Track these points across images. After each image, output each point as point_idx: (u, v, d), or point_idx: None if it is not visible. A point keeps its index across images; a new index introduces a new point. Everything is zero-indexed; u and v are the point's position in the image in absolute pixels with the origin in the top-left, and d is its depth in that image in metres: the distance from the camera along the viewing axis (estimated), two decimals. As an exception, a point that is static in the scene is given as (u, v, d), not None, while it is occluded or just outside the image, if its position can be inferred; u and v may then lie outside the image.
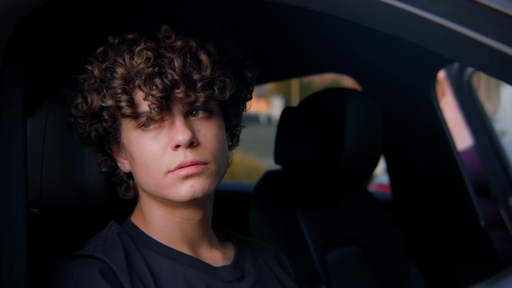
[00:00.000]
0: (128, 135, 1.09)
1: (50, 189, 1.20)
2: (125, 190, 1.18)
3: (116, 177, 1.18)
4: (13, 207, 1.03)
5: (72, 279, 1.04)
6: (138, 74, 1.03)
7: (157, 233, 1.13)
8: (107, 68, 1.06)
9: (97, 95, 1.07)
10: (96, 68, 1.07)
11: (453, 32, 0.77)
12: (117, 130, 1.11)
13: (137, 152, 1.08)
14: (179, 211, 1.12)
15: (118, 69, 1.05)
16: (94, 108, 1.08)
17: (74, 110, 1.12)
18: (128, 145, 1.10)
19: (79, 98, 1.10)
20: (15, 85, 1.05)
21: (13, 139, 1.04)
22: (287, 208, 1.91)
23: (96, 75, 1.07)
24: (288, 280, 1.26)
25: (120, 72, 1.04)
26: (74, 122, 1.14)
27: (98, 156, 1.17)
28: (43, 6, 1.03)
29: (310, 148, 1.93)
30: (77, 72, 1.11)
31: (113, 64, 1.06)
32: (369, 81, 2.37)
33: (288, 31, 1.84)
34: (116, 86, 1.05)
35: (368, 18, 0.85)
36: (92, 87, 1.08)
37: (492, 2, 0.76)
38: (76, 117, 1.13)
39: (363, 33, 1.93)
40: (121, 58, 1.05)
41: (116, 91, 1.05)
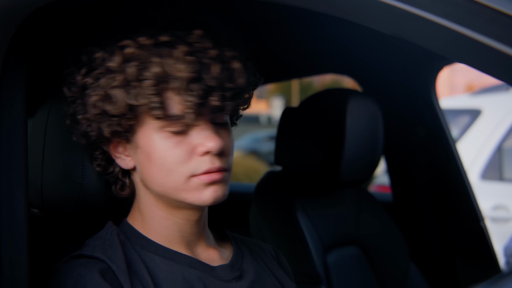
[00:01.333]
0: (148, 136, 1.07)
1: (50, 190, 1.20)
2: (121, 188, 1.16)
3: (110, 175, 1.16)
4: (14, 208, 1.03)
5: (71, 279, 1.04)
6: (176, 78, 1.03)
7: (155, 233, 1.13)
8: (135, 67, 1.04)
9: (124, 93, 1.04)
10: (121, 65, 1.05)
11: (454, 32, 0.77)
12: (132, 128, 1.08)
13: (159, 154, 1.06)
14: (181, 212, 1.12)
15: (153, 69, 1.03)
16: (121, 106, 1.05)
17: (92, 108, 1.07)
18: (146, 145, 1.08)
19: (95, 96, 1.06)
20: (16, 86, 1.05)
21: (13, 139, 1.04)
22: (287, 209, 1.92)
23: (123, 73, 1.04)
24: (287, 279, 1.26)
25: (154, 72, 1.03)
26: (79, 120, 1.11)
27: (95, 153, 1.15)
28: (44, 7, 1.03)
29: (310, 149, 1.93)
30: (90, 69, 1.08)
31: (144, 64, 1.03)
32: (369, 81, 2.37)
33: (288, 32, 1.84)
34: (149, 86, 1.03)
35: (368, 19, 0.85)
36: (116, 85, 1.05)
37: (493, 3, 0.76)
38: (86, 115, 1.09)
39: (363, 34, 1.93)
40: (158, 58, 1.03)
41: (149, 91, 1.03)
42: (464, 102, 5.01)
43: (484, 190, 3.79)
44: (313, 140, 1.93)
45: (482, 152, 4.30)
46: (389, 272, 2.04)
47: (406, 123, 2.31)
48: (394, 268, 2.06)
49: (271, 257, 1.30)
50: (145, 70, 1.03)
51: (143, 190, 1.13)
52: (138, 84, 1.03)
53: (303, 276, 1.79)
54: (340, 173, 1.85)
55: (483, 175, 4.23)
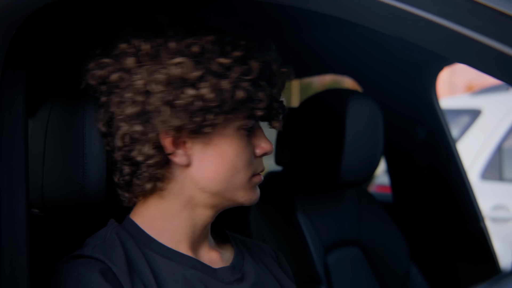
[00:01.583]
0: (225, 133, 1.09)
1: (51, 190, 1.20)
2: (148, 181, 1.10)
3: (145, 171, 1.10)
4: (14, 208, 1.03)
5: (72, 279, 1.04)
6: (275, 74, 1.11)
7: (161, 233, 1.12)
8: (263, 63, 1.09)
9: (244, 87, 1.06)
10: (234, 61, 1.06)
11: (455, 33, 0.77)
12: (215, 123, 1.07)
13: (233, 152, 1.09)
14: (206, 213, 1.13)
15: (267, 69, 1.09)
16: (240, 98, 1.06)
17: (214, 94, 1.04)
18: (222, 143, 1.09)
19: (205, 88, 1.04)
20: (17, 86, 1.05)
21: (14, 139, 1.04)
22: (288, 209, 1.92)
23: (254, 67, 1.07)
24: (287, 280, 1.26)
25: (266, 73, 1.09)
26: (173, 106, 1.05)
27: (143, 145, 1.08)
28: (45, 7, 1.03)
29: (310, 149, 1.93)
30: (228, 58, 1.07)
31: (249, 59, 1.07)
32: (370, 82, 2.37)
33: (288, 32, 1.84)
34: (264, 85, 1.09)
35: (369, 19, 0.85)
36: (244, 78, 1.07)
37: (494, 3, 0.76)
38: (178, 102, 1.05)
39: (364, 34, 1.93)
40: (260, 55, 1.09)
41: (264, 88, 1.09)
42: (464, 102, 5.02)
43: (484, 190, 3.80)
44: (313, 140, 1.93)
45: (482, 152, 4.30)
46: (390, 273, 2.04)
47: (406, 123, 2.31)
48: (395, 269, 2.06)
49: (271, 258, 1.29)
50: (251, 64, 1.07)
51: (183, 188, 1.11)
52: (245, 77, 1.06)
53: (304, 276, 1.79)
54: (340, 173, 1.85)
55: (483, 175, 4.24)
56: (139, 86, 1.05)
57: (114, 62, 1.08)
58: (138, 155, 1.07)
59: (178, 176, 1.10)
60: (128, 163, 1.09)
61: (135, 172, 1.10)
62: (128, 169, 1.10)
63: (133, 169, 1.10)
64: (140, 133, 1.07)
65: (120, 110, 1.07)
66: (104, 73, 1.08)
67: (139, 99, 1.05)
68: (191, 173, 1.10)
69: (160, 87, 1.04)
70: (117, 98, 1.08)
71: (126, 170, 1.10)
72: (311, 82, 8.49)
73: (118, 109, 1.08)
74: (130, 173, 1.10)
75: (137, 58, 1.07)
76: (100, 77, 1.09)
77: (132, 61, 1.06)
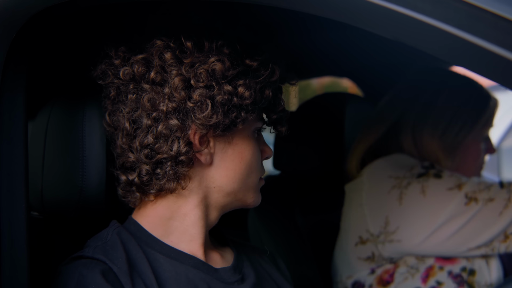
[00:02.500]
0: (245, 133, 1.14)
1: (51, 192, 1.20)
2: (171, 180, 1.10)
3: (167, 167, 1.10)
4: (14, 211, 1.03)
5: (73, 279, 1.04)
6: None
7: (169, 232, 1.13)
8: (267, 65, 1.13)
9: (270, 88, 1.13)
10: (260, 65, 1.12)
11: (455, 37, 0.77)
12: (246, 120, 1.12)
13: (250, 153, 1.14)
14: (216, 214, 1.17)
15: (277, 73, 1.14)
16: (268, 98, 1.13)
17: (249, 92, 1.09)
18: (242, 143, 1.13)
19: (243, 86, 1.09)
20: (17, 89, 1.05)
21: (14, 142, 1.04)
22: (286, 213, 1.92)
23: (276, 70, 1.13)
24: (285, 284, 1.26)
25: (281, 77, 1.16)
26: (214, 103, 1.07)
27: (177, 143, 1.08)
28: (45, 10, 1.03)
29: (309, 153, 1.93)
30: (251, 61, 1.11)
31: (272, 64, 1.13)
32: (369, 84, 2.38)
33: (288, 34, 1.85)
34: (282, 88, 1.18)
35: (370, 23, 0.86)
36: (269, 80, 1.13)
37: (494, 8, 0.76)
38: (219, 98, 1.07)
39: (363, 37, 1.93)
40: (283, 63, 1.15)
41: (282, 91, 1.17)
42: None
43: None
44: (311, 143, 1.93)
45: (481, 152, 4.29)
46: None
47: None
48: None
49: (269, 261, 1.30)
50: (273, 67, 1.13)
51: (200, 188, 1.12)
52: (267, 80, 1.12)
53: (302, 279, 1.79)
54: (339, 176, 1.85)
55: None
56: (178, 82, 1.06)
57: (148, 58, 1.08)
58: (167, 152, 1.07)
59: (198, 175, 1.12)
60: (150, 162, 1.08)
61: (155, 171, 1.09)
62: (148, 168, 1.09)
63: (153, 168, 1.09)
64: (174, 129, 1.07)
65: (153, 106, 1.07)
66: (137, 69, 1.08)
67: (178, 95, 1.06)
68: (211, 172, 1.12)
69: (202, 83, 1.06)
70: (150, 94, 1.07)
71: (145, 169, 1.09)
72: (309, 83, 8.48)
73: (150, 106, 1.07)
74: (150, 173, 1.09)
75: (173, 53, 1.08)
76: (132, 74, 1.08)
77: (169, 56, 1.07)
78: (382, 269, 1.64)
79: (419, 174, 1.63)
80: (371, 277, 1.65)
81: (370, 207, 1.66)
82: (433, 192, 1.58)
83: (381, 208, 1.63)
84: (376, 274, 1.65)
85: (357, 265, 1.68)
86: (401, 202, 1.60)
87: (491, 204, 1.53)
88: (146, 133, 1.07)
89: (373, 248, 1.64)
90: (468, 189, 1.56)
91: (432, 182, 1.60)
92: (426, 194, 1.59)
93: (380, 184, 1.66)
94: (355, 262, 1.68)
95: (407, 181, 1.62)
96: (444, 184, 1.59)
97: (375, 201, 1.66)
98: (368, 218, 1.65)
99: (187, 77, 1.06)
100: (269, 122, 1.19)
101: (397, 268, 1.63)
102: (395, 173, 1.65)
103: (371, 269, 1.66)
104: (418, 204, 1.59)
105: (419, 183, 1.60)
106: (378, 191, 1.66)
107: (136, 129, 1.09)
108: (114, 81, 1.10)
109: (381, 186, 1.66)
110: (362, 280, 1.67)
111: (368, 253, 1.65)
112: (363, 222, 1.66)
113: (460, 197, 1.55)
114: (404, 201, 1.60)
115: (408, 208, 1.59)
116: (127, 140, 1.10)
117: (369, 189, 1.69)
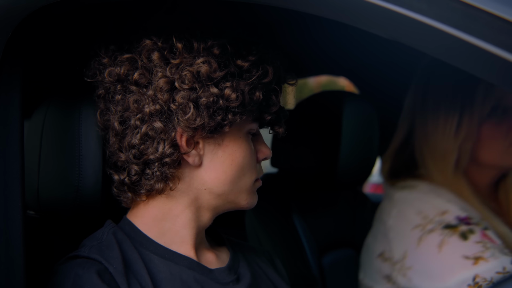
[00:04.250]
0: (236, 135, 1.12)
1: (47, 192, 1.19)
2: (159, 181, 1.10)
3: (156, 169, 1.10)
4: (10, 210, 1.03)
5: (69, 279, 1.04)
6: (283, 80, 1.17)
7: (162, 233, 1.12)
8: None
9: (260, 90, 1.11)
10: (251, 64, 1.10)
11: (451, 36, 0.77)
12: (233, 123, 1.10)
13: (241, 155, 1.12)
14: (208, 215, 1.15)
15: (277, 74, 1.14)
16: (258, 100, 1.10)
17: (236, 94, 1.07)
18: (233, 145, 1.11)
19: (229, 89, 1.07)
20: (12, 90, 1.05)
21: (10, 142, 1.04)
22: (283, 211, 1.92)
23: (269, 71, 1.11)
24: (282, 283, 1.27)
25: (277, 77, 1.14)
26: (198, 106, 1.06)
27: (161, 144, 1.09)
28: (41, 9, 1.02)
29: (306, 151, 1.93)
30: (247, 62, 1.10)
31: (264, 65, 1.11)
32: (366, 83, 2.38)
33: (287, 33, 1.84)
34: (277, 90, 1.15)
35: (366, 23, 0.86)
36: (261, 81, 1.11)
37: (490, 7, 0.76)
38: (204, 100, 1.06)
39: (360, 35, 1.93)
40: (279, 63, 1.14)
41: (277, 92, 1.15)
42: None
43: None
44: (309, 142, 1.93)
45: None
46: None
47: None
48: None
49: (266, 261, 1.30)
50: (266, 67, 1.12)
51: (190, 189, 1.12)
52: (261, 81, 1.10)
53: (299, 278, 1.79)
54: (336, 174, 1.85)
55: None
56: (162, 84, 1.05)
57: (137, 58, 1.08)
58: (153, 153, 1.07)
59: (187, 177, 1.11)
60: (139, 162, 1.09)
61: (144, 171, 1.10)
62: (136, 168, 1.09)
63: (142, 168, 1.10)
64: (158, 131, 1.07)
65: (138, 108, 1.07)
66: (122, 70, 1.08)
67: (162, 96, 1.05)
68: (200, 173, 1.11)
69: (186, 85, 1.05)
70: (136, 96, 1.07)
71: (134, 169, 1.10)
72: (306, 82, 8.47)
73: (136, 108, 1.07)
74: (138, 173, 1.10)
75: (161, 54, 1.07)
76: (117, 75, 1.08)
77: (156, 56, 1.07)
78: None
79: (447, 225, 1.50)
80: None
81: (394, 234, 1.59)
82: (448, 252, 1.46)
83: (403, 240, 1.56)
84: None
85: (377, 277, 1.62)
86: (418, 245, 1.51)
87: None
88: (133, 134, 1.08)
89: (391, 271, 1.57)
90: (481, 270, 1.41)
91: (453, 241, 1.47)
92: (442, 251, 1.47)
93: (408, 216, 1.57)
94: (375, 273, 1.63)
95: (432, 226, 1.50)
96: (463, 250, 1.45)
97: (399, 230, 1.58)
98: (392, 243, 1.59)
99: (172, 79, 1.06)
100: (264, 123, 1.17)
101: None
102: (426, 211, 1.54)
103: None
104: (431, 257, 1.49)
105: (441, 235, 1.48)
106: (404, 222, 1.58)
107: (125, 129, 1.09)
108: (103, 80, 1.11)
109: (408, 218, 1.57)
110: None
111: (387, 272, 1.59)
112: (387, 241, 1.60)
113: (469, 275, 1.42)
114: (421, 246, 1.50)
115: (422, 255, 1.50)
116: (117, 139, 1.11)
117: (396, 215, 1.61)
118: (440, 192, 1.57)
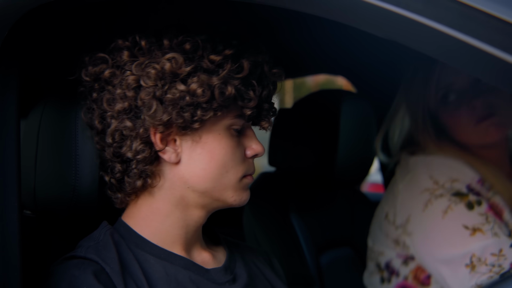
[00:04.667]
0: (215, 131, 1.10)
1: (43, 191, 1.19)
2: (138, 178, 1.10)
3: (134, 168, 1.10)
4: (6, 209, 1.02)
5: (65, 280, 1.04)
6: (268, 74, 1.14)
7: (154, 233, 1.12)
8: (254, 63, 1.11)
9: (233, 85, 1.08)
10: (223, 58, 1.08)
11: (447, 36, 0.77)
12: (204, 119, 1.08)
13: (222, 151, 1.10)
14: (197, 214, 1.13)
15: (258, 69, 1.11)
16: (230, 95, 1.07)
17: (203, 89, 1.05)
18: (212, 141, 1.09)
19: (195, 83, 1.05)
20: (9, 91, 1.04)
21: (6, 141, 1.04)
22: (281, 210, 1.92)
23: (245, 66, 1.09)
24: (279, 283, 1.26)
25: (257, 73, 1.11)
26: (163, 102, 1.06)
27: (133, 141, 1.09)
28: (38, 8, 1.02)
29: (304, 150, 1.93)
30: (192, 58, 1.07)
31: (240, 57, 1.09)
32: (364, 82, 2.38)
33: (286, 32, 1.84)
34: (254, 85, 1.11)
35: (363, 22, 0.86)
36: (234, 76, 1.08)
37: (486, 7, 0.76)
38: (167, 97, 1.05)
39: (358, 34, 1.93)
40: (261, 59, 1.12)
41: (254, 87, 1.11)
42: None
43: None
44: (307, 141, 1.93)
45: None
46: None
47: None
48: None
49: (264, 260, 1.30)
50: (259, 67, 1.11)
51: (173, 187, 1.11)
52: (236, 75, 1.08)
53: (297, 277, 1.79)
54: (334, 173, 1.86)
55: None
56: (130, 81, 1.06)
57: (108, 57, 1.09)
58: (127, 151, 1.08)
59: (168, 174, 1.11)
60: (119, 160, 1.10)
61: (126, 169, 1.11)
62: (119, 166, 1.10)
63: (123, 166, 1.10)
64: (129, 129, 1.07)
65: (110, 106, 1.08)
66: (97, 69, 1.09)
67: (129, 94, 1.06)
68: (180, 171, 1.10)
69: (150, 82, 1.05)
70: (108, 95, 1.08)
71: (117, 167, 1.11)
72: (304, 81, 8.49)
73: (108, 106, 1.08)
74: (121, 171, 1.11)
75: (131, 52, 1.08)
76: (93, 73, 1.10)
77: (126, 55, 1.07)
78: (415, 264, 1.57)
79: (456, 193, 1.50)
80: (406, 269, 1.59)
81: (403, 196, 1.59)
82: (451, 218, 1.46)
83: (409, 203, 1.56)
84: (410, 268, 1.58)
85: (387, 241, 1.62)
86: (424, 209, 1.51)
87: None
88: (110, 132, 1.09)
89: (397, 235, 1.58)
90: (477, 246, 1.41)
91: (459, 209, 1.47)
92: (445, 217, 1.48)
93: (419, 179, 1.57)
94: (385, 237, 1.63)
95: (441, 191, 1.50)
96: (465, 219, 1.45)
97: (408, 192, 1.58)
98: (398, 206, 1.59)
99: (138, 76, 1.06)
100: (247, 118, 1.13)
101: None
102: (437, 176, 1.54)
103: (400, 256, 1.59)
104: (434, 222, 1.49)
105: (449, 201, 1.48)
106: (415, 185, 1.57)
107: (104, 127, 1.10)
108: (83, 79, 1.12)
109: (419, 181, 1.56)
110: (396, 266, 1.61)
111: (394, 236, 1.59)
112: (393, 204, 1.60)
113: (466, 252, 1.42)
114: (426, 210, 1.50)
115: (426, 220, 1.50)
116: (99, 138, 1.12)
117: (410, 178, 1.60)
118: (454, 160, 1.59)
